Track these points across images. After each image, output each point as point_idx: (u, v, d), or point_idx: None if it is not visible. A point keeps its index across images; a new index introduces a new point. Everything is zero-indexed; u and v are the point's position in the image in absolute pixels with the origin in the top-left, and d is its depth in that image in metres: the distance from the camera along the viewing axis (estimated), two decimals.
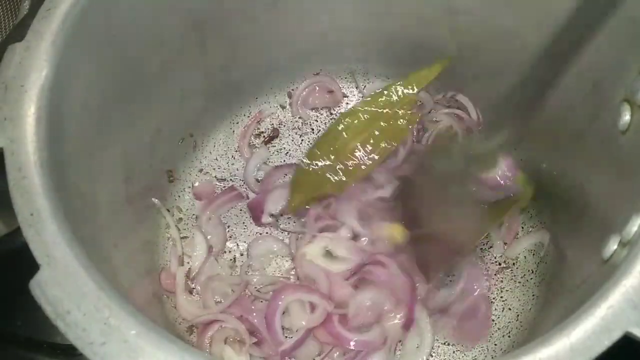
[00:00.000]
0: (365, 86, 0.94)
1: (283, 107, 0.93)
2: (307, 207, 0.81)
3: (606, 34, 0.61)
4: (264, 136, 0.92)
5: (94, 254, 0.50)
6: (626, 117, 0.58)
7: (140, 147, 0.75)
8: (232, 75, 0.85)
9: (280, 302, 0.74)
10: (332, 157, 0.82)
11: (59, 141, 0.55)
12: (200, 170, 0.89)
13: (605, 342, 0.44)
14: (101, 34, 0.63)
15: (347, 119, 0.84)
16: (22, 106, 0.53)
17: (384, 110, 0.83)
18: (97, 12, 0.61)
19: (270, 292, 0.76)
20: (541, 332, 0.47)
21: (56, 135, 0.54)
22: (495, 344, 0.77)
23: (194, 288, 0.80)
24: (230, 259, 0.83)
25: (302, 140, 0.92)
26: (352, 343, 0.72)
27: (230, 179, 0.89)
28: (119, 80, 0.67)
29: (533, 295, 0.79)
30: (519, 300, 0.79)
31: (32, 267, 0.47)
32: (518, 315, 0.78)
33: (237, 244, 0.84)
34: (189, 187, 0.88)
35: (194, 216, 0.86)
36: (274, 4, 0.79)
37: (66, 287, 0.46)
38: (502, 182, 0.73)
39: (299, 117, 0.93)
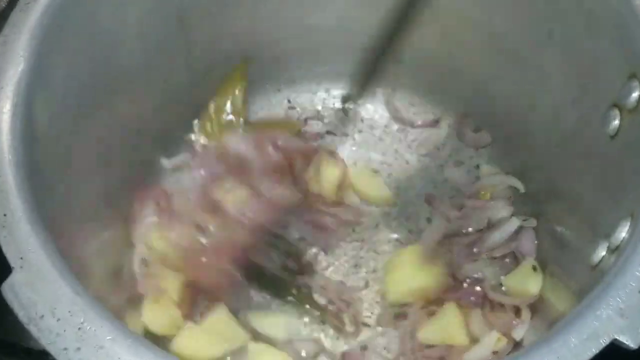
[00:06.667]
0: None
1: None
2: None
3: (595, 39, 0.61)
4: None
5: (69, 257, 0.49)
6: (615, 121, 0.58)
7: (120, 147, 0.74)
8: (215, 73, 0.84)
9: None
10: None
11: (35, 139, 0.54)
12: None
13: (593, 350, 0.43)
14: (82, 28, 0.61)
15: None
16: None
17: None
18: (79, 6, 0.60)
19: None
20: (528, 339, 0.47)
21: (32, 134, 0.53)
22: None
23: None
24: None
25: None
26: None
27: None
28: (99, 77, 0.65)
29: None
30: None
31: (4, 269, 0.45)
32: None
33: None
34: None
35: None
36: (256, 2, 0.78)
37: (40, 291, 0.44)
38: None
39: None
